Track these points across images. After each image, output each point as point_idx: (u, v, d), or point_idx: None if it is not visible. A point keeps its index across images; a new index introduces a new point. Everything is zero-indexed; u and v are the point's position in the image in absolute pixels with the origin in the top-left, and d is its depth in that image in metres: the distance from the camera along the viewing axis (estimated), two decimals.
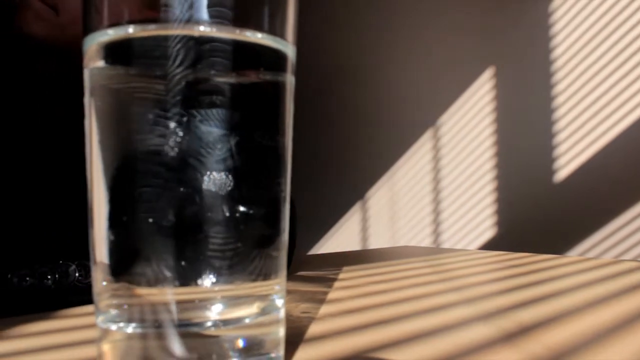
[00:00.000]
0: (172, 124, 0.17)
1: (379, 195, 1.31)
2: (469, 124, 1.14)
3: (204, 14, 0.18)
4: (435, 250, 0.75)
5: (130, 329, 0.18)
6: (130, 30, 0.18)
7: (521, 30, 1.08)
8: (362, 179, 1.34)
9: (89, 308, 0.32)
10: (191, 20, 0.18)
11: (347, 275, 0.47)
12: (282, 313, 0.20)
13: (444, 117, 1.18)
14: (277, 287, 0.19)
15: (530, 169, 1.05)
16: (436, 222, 1.19)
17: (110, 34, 0.19)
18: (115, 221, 0.18)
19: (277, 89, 0.19)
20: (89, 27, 0.19)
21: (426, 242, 1.19)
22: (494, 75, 1.11)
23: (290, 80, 0.20)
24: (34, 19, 0.64)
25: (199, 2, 0.18)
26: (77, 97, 0.61)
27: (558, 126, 1.03)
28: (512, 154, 1.09)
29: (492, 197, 1.12)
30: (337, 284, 0.41)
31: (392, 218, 1.26)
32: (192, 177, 0.17)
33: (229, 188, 0.18)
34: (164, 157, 0.17)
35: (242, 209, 0.18)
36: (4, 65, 0.66)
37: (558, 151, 1.03)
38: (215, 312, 0.18)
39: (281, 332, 0.20)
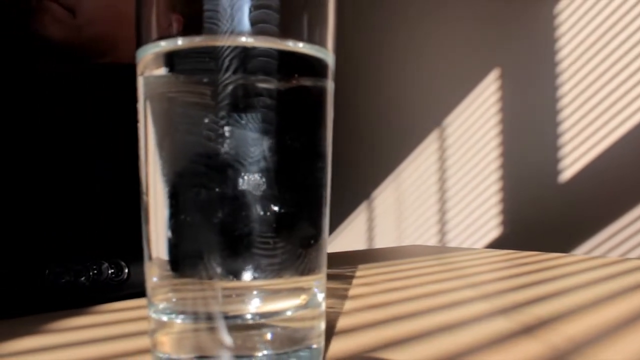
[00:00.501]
0: (223, 128, 0.19)
1: (385, 195, 1.33)
2: (475, 125, 1.15)
3: (248, 26, 0.19)
4: (445, 249, 0.76)
5: (183, 320, 0.19)
6: (180, 42, 0.20)
7: (527, 33, 1.10)
8: (368, 178, 1.35)
9: (121, 304, 0.34)
10: (235, 32, 0.19)
11: (364, 272, 0.48)
12: (323, 307, 0.21)
13: (450, 118, 1.19)
14: (318, 283, 0.21)
15: (536, 169, 1.07)
16: (442, 222, 1.20)
17: (162, 46, 0.20)
18: (171, 219, 0.19)
19: (318, 94, 0.21)
20: (142, 39, 0.20)
21: (432, 241, 1.21)
22: (499, 77, 1.13)
23: (330, 85, 0.21)
24: (51, 21, 0.65)
25: (243, 15, 0.20)
26: (97, 97, 0.62)
27: (563, 127, 1.05)
28: (518, 155, 1.10)
29: (497, 197, 1.13)
30: (355, 281, 0.42)
31: (398, 218, 1.27)
32: (243, 179, 0.19)
33: (277, 190, 0.19)
34: (216, 159, 0.19)
35: (288, 209, 0.19)
36: (22, 66, 0.67)
37: (563, 152, 1.04)
38: (262, 305, 0.19)
39: (322, 325, 0.21)
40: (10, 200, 0.36)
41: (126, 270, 0.34)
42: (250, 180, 0.19)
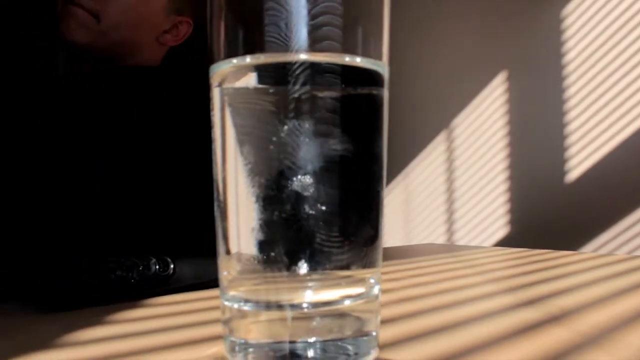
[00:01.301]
0: (295, 135, 0.21)
1: (394, 195, 1.34)
2: (483, 126, 1.17)
3: (313, 43, 0.22)
4: (458, 247, 0.78)
5: (258, 308, 0.21)
6: (248, 59, 0.22)
7: (534, 35, 1.12)
8: None
9: (168, 298, 0.36)
10: (302, 49, 0.21)
11: (386, 269, 0.50)
12: (379, 297, 0.23)
13: (459, 119, 1.21)
14: (376, 276, 0.23)
15: (543, 170, 1.09)
16: (450, 221, 1.22)
17: (234, 63, 0.22)
18: (252, 218, 0.21)
19: (375, 102, 0.23)
20: (215, 56, 0.22)
21: (440, 240, 1.23)
22: (507, 79, 1.15)
23: (385, 94, 0.23)
24: (77, 26, 0.67)
25: (309, 34, 0.22)
26: (125, 98, 0.64)
27: (570, 128, 1.07)
28: (525, 155, 1.12)
29: (505, 197, 1.15)
30: (382, 277, 0.44)
31: (407, 217, 1.29)
32: (315, 180, 0.21)
33: (344, 191, 0.21)
34: (289, 162, 0.21)
35: (354, 210, 0.21)
36: (49, 69, 0.69)
37: (570, 152, 1.06)
38: (330, 293, 0.21)
39: (378, 313, 0.23)
40: (68, 205, 0.38)
41: (171, 266, 0.36)
42: (322, 182, 0.21)
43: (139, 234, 0.37)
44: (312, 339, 0.21)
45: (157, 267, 0.36)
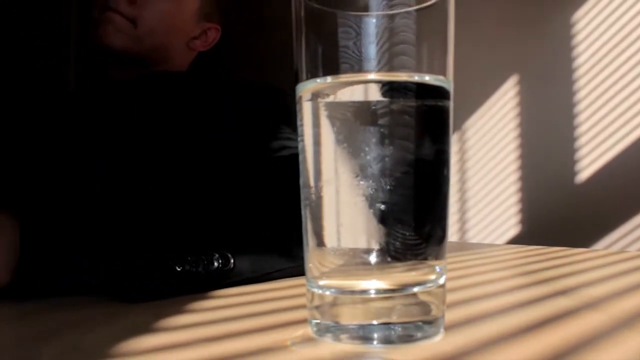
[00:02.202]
0: (379, 142, 0.24)
1: None
2: (494, 128, 1.20)
3: (390, 63, 0.25)
4: (472, 245, 0.81)
5: (344, 294, 0.24)
6: (329, 79, 0.25)
7: (544, 40, 1.15)
8: None
9: (230, 290, 0.39)
10: (380, 69, 0.25)
11: None
12: (445, 286, 0.26)
13: (471, 121, 1.24)
14: (443, 266, 0.26)
15: (553, 170, 1.12)
16: (462, 220, 1.25)
17: (318, 82, 0.25)
18: (338, 215, 0.24)
19: (443, 112, 0.26)
20: (301, 75, 0.26)
21: (453, 238, 1.26)
22: (517, 82, 1.18)
23: (450, 104, 0.26)
24: (114, 31, 0.70)
25: (381, 55, 0.25)
26: (163, 101, 0.67)
27: (579, 130, 1.10)
28: (536, 156, 1.16)
29: (516, 197, 1.18)
30: None
31: None
32: (397, 183, 0.24)
33: (421, 192, 0.24)
34: (372, 164, 0.24)
35: (426, 208, 0.24)
36: (88, 74, 0.72)
37: (580, 153, 1.10)
38: (408, 280, 0.24)
39: (444, 300, 0.26)
40: (143, 208, 0.41)
41: (232, 261, 0.39)
42: (402, 185, 0.24)
43: (203, 232, 0.40)
44: (392, 321, 0.24)
45: (220, 262, 0.39)
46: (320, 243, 0.25)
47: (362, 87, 0.25)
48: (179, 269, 0.37)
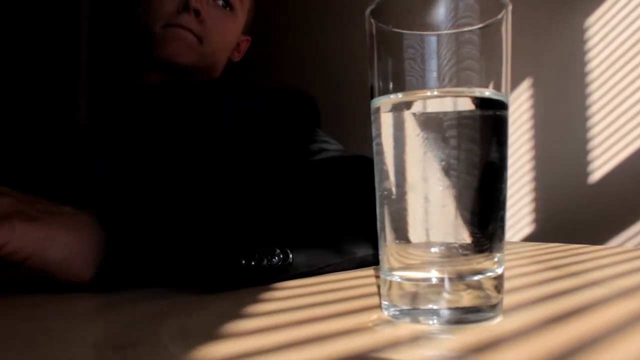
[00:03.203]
0: (445, 147, 0.27)
1: None
2: (509, 129, 1.24)
3: (455, 81, 0.28)
4: None
5: (414, 281, 0.28)
6: (400, 95, 0.29)
7: (558, 44, 1.18)
8: None
9: (290, 283, 0.42)
10: (447, 85, 0.28)
11: None
12: (503, 276, 0.30)
13: None
14: (502, 257, 0.29)
15: (567, 171, 1.15)
16: None
17: (391, 97, 0.29)
18: (414, 213, 0.28)
19: (501, 120, 0.29)
20: (375, 91, 0.29)
21: None
22: (531, 85, 1.21)
23: (506, 114, 0.30)
24: (186, 48, 0.74)
25: (454, 74, 0.28)
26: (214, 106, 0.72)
27: (592, 132, 1.13)
28: (550, 157, 1.19)
29: (530, 197, 1.22)
30: None
31: None
32: (465, 183, 0.27)
33: (484, 191, 0.28)
34: (444, 168, 0.27)
35: (488, 205, 0.28)
36: (159, 87, 0.76)
37: (593, 154, 1.13)
38: (473, 270, 0.28)
39: (503, 288, 0.29)
40: (215, 206, 0.44)
41: (290, 256, 0.43)
42: (469, 185, 0.27)
43: (265, 230, 0.44)
44: (460, 305, 0.28)
45: (280, 257, 0.43)
46: (398, 238, 0.29)
47: (432, 101, 0.28)
48: (246, 264, 0.40)
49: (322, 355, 0.23)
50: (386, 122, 0.29)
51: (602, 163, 1.12)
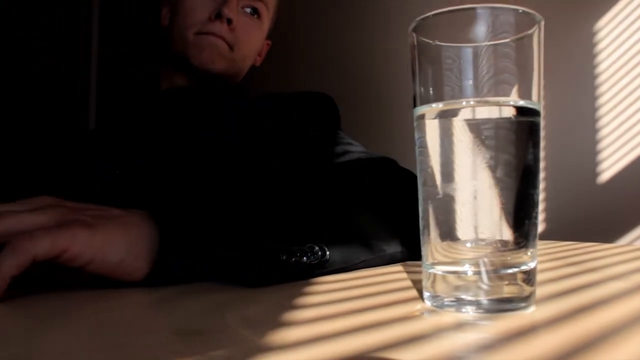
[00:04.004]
0: (485, 150, 0.30)
1: None
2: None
3: (493, 91, 0.31)
4: None
5: (461, 274, 0.31)
6: (440, 105, 0.31)
7: (568, 47, 1.21)
8: None
9: (328, 278, 0.45)
10: (485, 94, 0.31)
11: None
12: (537, 269, 0.32)
13: None
14: (534, 252, 0.32)
15: (576, 172, 1.18)
16: None
17: (433, 107, 0.32)
18: (456, 211, 0.30)
19: (532, 125, 0.32)
20: (417, 100, 0.32)
21: None
22: (542, 87, 1.24)
23: (539, 120, 0.32)
24: (218, 56, 0.78)
25: (491, 85, 0.31)
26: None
27: (601, 134, 1.16)
28: (559, 159, 1.22)
29: (541, 197, 1.24)
30: None
31: None
32: (502, 183, 0.30)
33: (519, 191, 0.30)
34: (485, 170, 0.30)
35: (523, 204, 0.31)
36: (196, 90, 0.80)
37: (601, 156, 1.16)
38: (511, 263, 0.31)
39: (535, 279, 0.32)
40: (259, 206, 0.47)
41: (327, 253, 0.46)
42: (506, 186, 0.30)
43: (304, 228, 0.47)
44: (499, 296, 0.31)
45: (319, 253, 0.45)
46: (442, 234, 0.31)
47: (473, 109, 0.31)
48: (287, 260, 0.43)
49: (377, 340, 0.26)
50: (430, 129, 0.32)
51: (611, 164, 1.15)
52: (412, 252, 0.56)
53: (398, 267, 0.52)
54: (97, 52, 2.68)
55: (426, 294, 0.33)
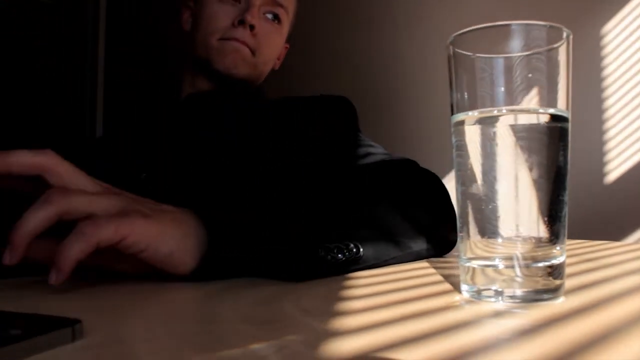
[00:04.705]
0: (521, 153, 0.33)
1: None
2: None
3: (523, 98, 0.34)
4: None
5: (497, 267, 0.33)
6: (477, 113, 0.34)
7: (576, 50, 1.24)
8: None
9: (361, 273, 0.48)
10: (519, 102, 0.34)
11: None
12: (565, 261, 0.35)
13: None
14: (563, 247, 0.35)
15: (584, 172, 1.21)
16: None
17: (471, 114, 0.34)
18: (494, 210, 0.33)
19: (563, 131, 0.35)
20: (455, 108, 0.35)
21: None
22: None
23: (568, 126, 0.35)
24: (241, 61, 0.80)
25: (525, 94, 0.34)
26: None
27: (608, 135, 1.19)
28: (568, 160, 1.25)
29: None
30: None
31: None
32: (536, 184, 0.33)
33: (553, 190, 0.33)
34: (521, 171, 0.33)
35: (554, 204, 0.34)
36: (219, 94, 0.83)
37: (608, 157, 1.19)
38: (544, 256, 0.33)
39: (565, 272, 0.35)
40: (301, 206, 0.50)
41: (361, 250, 0.49)
42: (540, 187, 0.33)
43: (340, 226, 0.50)
44: (532, 288, 0.33)
45: (354, 250, 0.48)
46: (480, 231, 0.34)
47: (508, 116, 0.34)
48: (326, 256, 0.46)
49: (427, 327, 0.28)
50: (470, 134, 0.35)
51: (617, 165, 1.18)
52: (436, 249, 0.59)
53: (424, 264, 0.55)
54: (105, 54, 2.71)
55: (465, 286, 0.36)
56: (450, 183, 0.42)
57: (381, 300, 0.36)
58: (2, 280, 0.46)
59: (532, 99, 0.35)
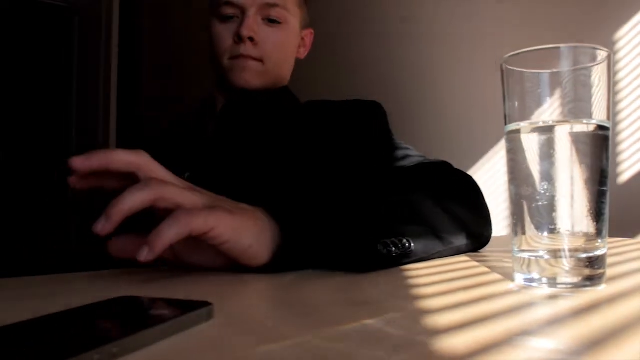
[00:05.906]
0: (570, 158, 0.38)
1: None
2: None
3: (570, 110, 0.39)
4: None
5: (547, 258, 0.38)
6: (527, 123, 0.39)
7: None
8: None
9: (412, 266, 0.53)
10: (564, 115, 0.39)
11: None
12: (606, 253, 0.40)
13: None
14: (605, 240, 0.40)
15: None
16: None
17: (525, 124, 0.39)
18: (543, 208, 0.38)
19: (605, 138, 0.40)
20: (508, 119, 0.40)
21: (504, 232, 1.40)
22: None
23: (609, 134, 0.40)
24: (251, 74, 0.85)
25: (565, 104, 0.39)
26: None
27: (620, 137, 1.24)
28: None
29: None
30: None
31: None
32: (585, 185, 0.38)
33: (598, 191, 0.38)
34: (566, 174, 0.38)
35: (598, 204, 0.39)
36: (235, 105, 0.88)
37: (621, 158, 1.24)
38: (587, 249, 0.38)
39: (606, 263, 0.40)
40: (363, 205, 0.55)
41: (412, 245, 0.54)
42: (585, 188, 0.38)
43: (394, 223, 0.55)
44: (579, 275, 0.38)
45: (406, 245, 0.53)
46: (534, 226, 0.39)
47: (559, 126, 0.39)
48: (383, 250, 0.51)
49: (489, 310, 0.33)
50: (525, 141, 0.40)
51: (629, 165, 1.23)
52: (474, 245, 0.64)
53: (464, 257, 0.60)
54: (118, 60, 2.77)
55: (519, 275, 0.41)
56: None
57: (445, 288, 0.41)
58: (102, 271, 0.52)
59: (579, 111, 0.40)
